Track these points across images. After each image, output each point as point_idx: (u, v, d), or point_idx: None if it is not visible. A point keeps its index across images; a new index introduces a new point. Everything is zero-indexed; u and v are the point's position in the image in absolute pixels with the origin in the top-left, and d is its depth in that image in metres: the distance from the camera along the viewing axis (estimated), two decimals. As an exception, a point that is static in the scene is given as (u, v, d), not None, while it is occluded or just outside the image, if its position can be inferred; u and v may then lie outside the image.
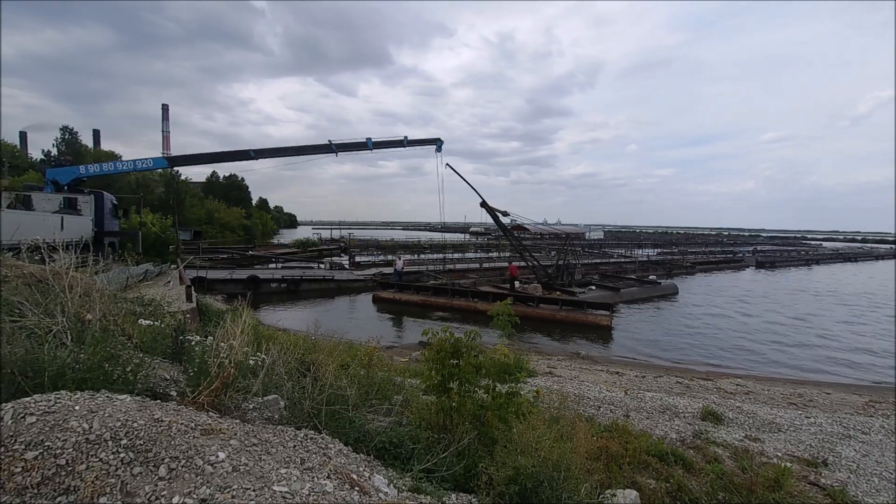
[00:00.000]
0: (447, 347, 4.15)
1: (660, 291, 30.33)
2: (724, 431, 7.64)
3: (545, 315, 22.70)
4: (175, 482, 1.93)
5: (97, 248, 20.05)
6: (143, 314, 6.68)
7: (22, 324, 3.19)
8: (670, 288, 31.21)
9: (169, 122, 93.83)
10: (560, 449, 3.21)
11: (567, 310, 22.72)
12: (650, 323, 23.10)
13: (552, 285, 27.06)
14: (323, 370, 4.08)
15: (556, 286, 27.00)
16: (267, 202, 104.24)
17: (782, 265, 56.97)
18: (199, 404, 2.83)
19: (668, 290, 30.87)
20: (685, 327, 22.00)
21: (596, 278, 32.31)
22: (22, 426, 1.97)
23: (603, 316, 21.40)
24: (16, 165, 44.06)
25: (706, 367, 15.66)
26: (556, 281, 27.51)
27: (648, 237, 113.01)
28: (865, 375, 15.21)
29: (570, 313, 22.39)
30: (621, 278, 33.76)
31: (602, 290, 28.49)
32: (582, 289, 27.72)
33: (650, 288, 30.67)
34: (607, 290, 28.60)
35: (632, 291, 28.88)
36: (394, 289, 27.70)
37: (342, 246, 57.06)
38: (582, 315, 21.92)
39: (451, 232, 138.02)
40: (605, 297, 26.12)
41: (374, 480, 2.66)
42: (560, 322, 22.01)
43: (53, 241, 4.39)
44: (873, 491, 5.71)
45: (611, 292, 27.82)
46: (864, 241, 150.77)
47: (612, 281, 32.17)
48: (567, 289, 26.82)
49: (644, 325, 22.40)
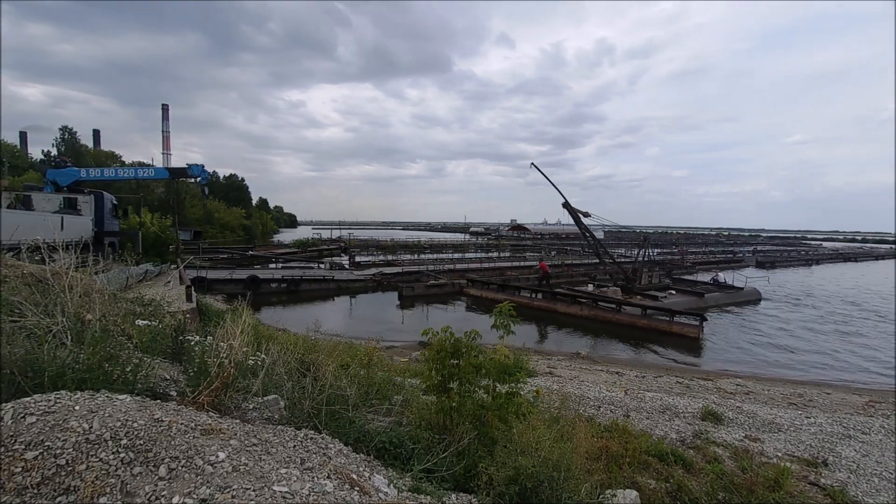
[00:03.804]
0: (447, 347, 4.15)
1: (743, 297, 28.87)
2: (724, 431, 7.64)
3: (624, 321, 21.76)
4: (175, 482, 1.93)
5: (97, 248, 20.06)
6: (143, 314, 6.68)
7: (22, 324, 3.19)
8: (753, 294, 29.68)
9: (169, 122, 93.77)
10: (560, 449, 3.21)
11: (650, 316, 21.44)
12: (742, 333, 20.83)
13: (631, 289, 26.38)
14: (323, 370, 4.08)
15: (636, 290, 26.29)
16: (267, 202, 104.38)
17: (782, 265, 57.01)
18: (199, 404, 2.83)
19: (751, 295, 29.38)
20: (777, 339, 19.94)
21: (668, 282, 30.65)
22: (22, 426, 1.97)
23: (691, 326, 19.85)
24: (16, 165, 44.08)
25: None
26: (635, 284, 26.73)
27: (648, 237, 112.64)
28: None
29: (652, 321, 21.06)
30: (697, 282, 32.11)
31: (683, 294, 27.06)
32: (662, 293, 26.55)
33: (733, 293, 29.16)
34: (690, 294, 27.14)
35: (716, 297, 27.50)
36: (479, 286, 29.40)
37: (342, 246, 57.09)
38: (666, 324, 20.53)
39: (451, 232, 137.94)
40: (690, 302, 24.88)
41: (374, 480, 2.66)
42: (641, 329, 20.80)
43: (53, 242, 4.39)
44: (873, 491, 5.71)
45: (695, 298, 26.31)
46: (864, 241, 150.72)
47: (688, 285, 30.66)
48: (647, 293, 25.89)
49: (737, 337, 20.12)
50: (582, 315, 23.33)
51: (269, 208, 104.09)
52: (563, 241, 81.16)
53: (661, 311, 21.84)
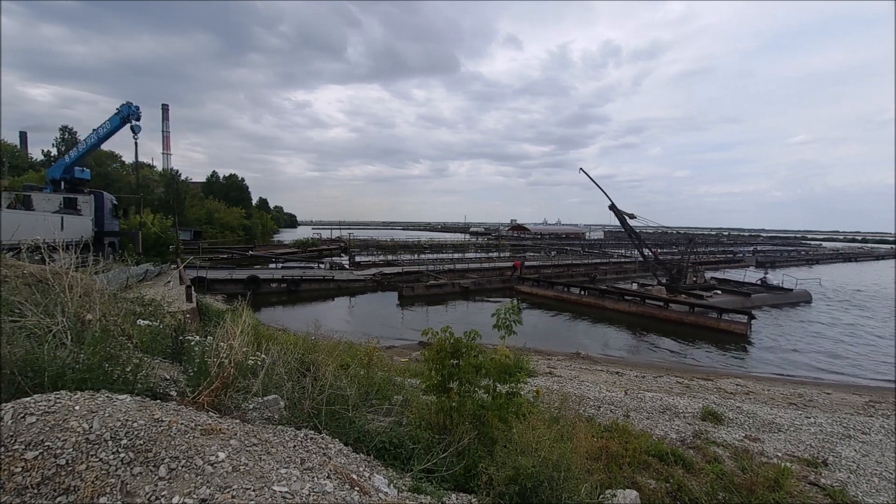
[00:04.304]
0: (447, 347, 4.14)
1: (792, 298, 28.84)
2: (724, 431, 7.64)
3: (671, 317, 22.58)
4: (175, 482, 1.93)
5: (97, 248, 20.07)
6: (143, 314, 6.68)
7: (22, 324, 3.19)
8: (803, 295, 29.56)
9: (168, 122, 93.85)
10: (560, 449, 3.21)
11: (699, 313, 22.11)
12: (793, 333, 20.78)
13: (676, 288, 26.89)
14: (323, 370, 4.08)
15: (681, 289, 26.78)
16: (267, 202, 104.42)
17: (783, 265, 57.01)
18: (199, 404, 2.83)
19: (800, 297, 29.30)
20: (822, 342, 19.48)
21: (713, 282, 30.86)
22: (22, 426, 1.97)
23: (738, 323, 20.40)
24: (16, 165, 44.09)
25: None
26: (680, 284, 27.23)
27: (648, 237, 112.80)
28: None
29: (699, 317, 21.75)
30: (743, 283, 32.14)
31: (729, 294, 27.45)
32: (707, 292, 26.95)
33: (781, 294, 29.22)
34: (736, 294, 27.51)
35: (762, 297, 27.75)
36: (531, 283, 30.76)
37: (342, 246, 57.09)
38: (714, 321, 21.13)
39: (450, 232, 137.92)
40: (736, 302, 25.23)
41: (374, 480, 2.66)
42: (689, 325, 21.52)
43: (53, 241, 4.39)
44: (873, 491, 5.71)
45: (741, 297, 26.63)
46: (864, 241, 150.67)
47: (734, 285, 30.79)
48: (693, 292, 26.36)
49: (786, 335, 20.15)
50: (629, 311, 24.58)
51: (269, 208, 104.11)
52: (563, 242, 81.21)
53: (709, 309, 22.42)
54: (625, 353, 17.91)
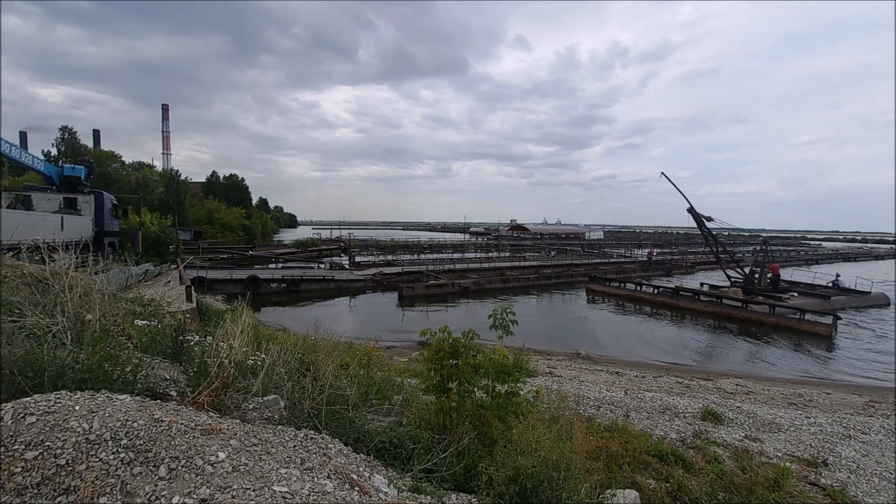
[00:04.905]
0: (445, 347, 4.14)
1: (871, 301, 28.65)
2: (724, 431, 7.64)
3: (751, 318, 22.85)
4: (175, 482, 1.93)
5: (97, 248, 20.05)
6: (143, 314, 6.67)
7: (22, 324, 3.19)
8: (881, 298, 29.32)
9: (168, 122, 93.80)
10: (560, 449, 3.21)
11: (780, 314, 22.31)
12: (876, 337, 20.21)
13: (753, 290, 26.95)
14: (323, 370, 4.08)
15: (758, 291, 26.87)
16: (267, 202, 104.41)
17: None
18: (199, 404, 2.83)
19: (879, 300, 29.10)
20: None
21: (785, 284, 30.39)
22: (22, 426, 1.97)
23: (823, 325, 20.34)
24: (16, 165, 44.02)
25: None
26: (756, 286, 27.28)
27: (648, 237, 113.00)
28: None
29: (781, 318, 21.95)
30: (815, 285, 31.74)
31: (807, 297, 27.29)
32: (784, 294, 26.97)
33: (859, 297, 29.05)
34: (814, 297, 27.35)
35: (841, 300, 27.59)
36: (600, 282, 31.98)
37: (342, 246, 57.11)
38: (796, 321, 21.19)
39: (450, 232, 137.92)
40: (815, 304, 25.20)
41: (374, 480, 2.66)
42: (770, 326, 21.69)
43: (53, 241, 4.39)
44: (873, 491, 5.71)
45: (820, 300, 26.45)
46: (864, 241, 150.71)
47: (806, 288, 30.48)
48: (772, 293, 26.45)
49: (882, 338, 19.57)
50: (705, 311, 25.27)
51: (269, 208, 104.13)
52: (563, 242, 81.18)
53: (790, 310, 22.63)
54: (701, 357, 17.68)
